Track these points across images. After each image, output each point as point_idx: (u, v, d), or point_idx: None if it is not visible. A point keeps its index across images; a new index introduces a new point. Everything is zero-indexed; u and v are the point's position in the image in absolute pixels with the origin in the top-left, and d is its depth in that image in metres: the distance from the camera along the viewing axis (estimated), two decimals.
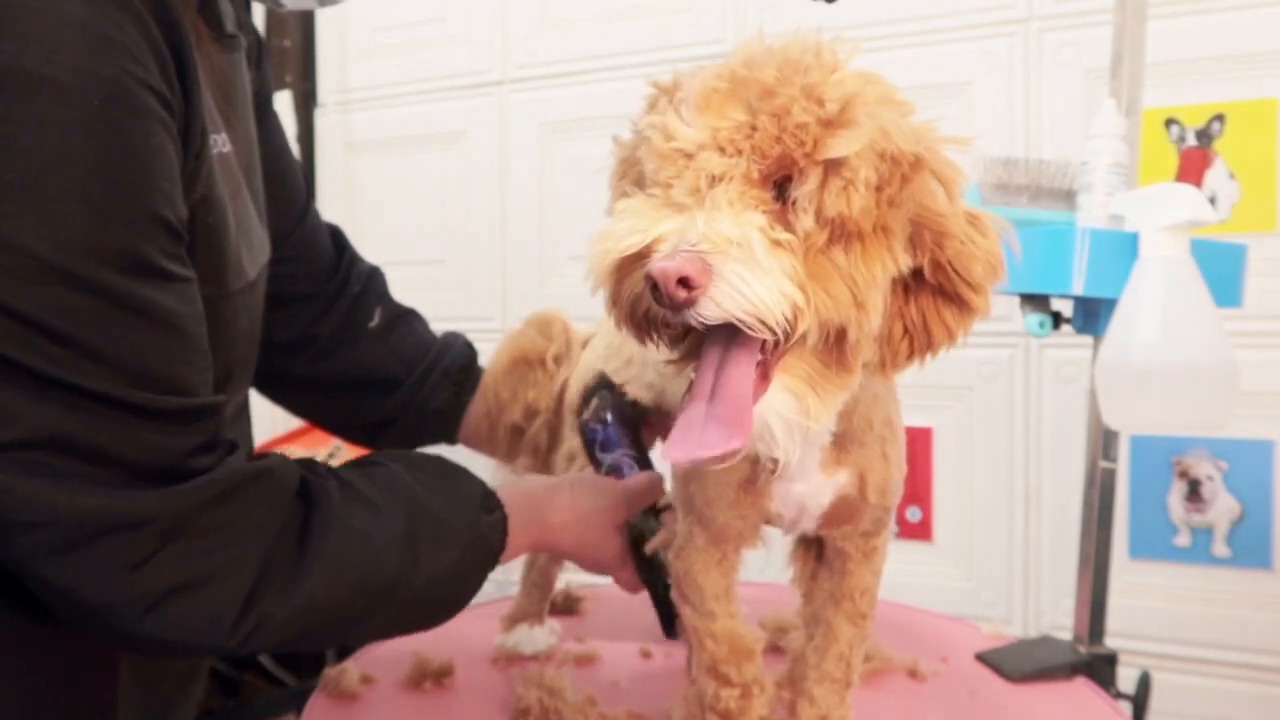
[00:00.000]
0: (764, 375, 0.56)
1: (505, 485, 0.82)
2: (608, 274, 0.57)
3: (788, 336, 0.54)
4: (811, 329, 0.54)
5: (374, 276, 1.05)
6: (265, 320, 0.85)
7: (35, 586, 0.63)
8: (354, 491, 0.72)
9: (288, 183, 0.97)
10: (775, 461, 0.65)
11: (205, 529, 0.63)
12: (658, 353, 0.63)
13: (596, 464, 0.92)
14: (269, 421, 1.89)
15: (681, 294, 0.52)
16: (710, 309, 0.52)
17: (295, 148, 2.12)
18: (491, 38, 2.00)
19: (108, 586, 0.61)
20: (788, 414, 0.56)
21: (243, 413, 0.88)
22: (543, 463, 1.03)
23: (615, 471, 0.91)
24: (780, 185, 0.55)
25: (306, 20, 2.17)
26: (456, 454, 1.09)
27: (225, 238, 0.72)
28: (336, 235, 1.04)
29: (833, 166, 0.53)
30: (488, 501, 0.79)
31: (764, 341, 0.55)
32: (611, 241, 0.55)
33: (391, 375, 1.01)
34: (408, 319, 1.05)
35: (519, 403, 1.01)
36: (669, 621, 0.87)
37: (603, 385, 0.94)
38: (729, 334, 0.56)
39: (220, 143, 0.73)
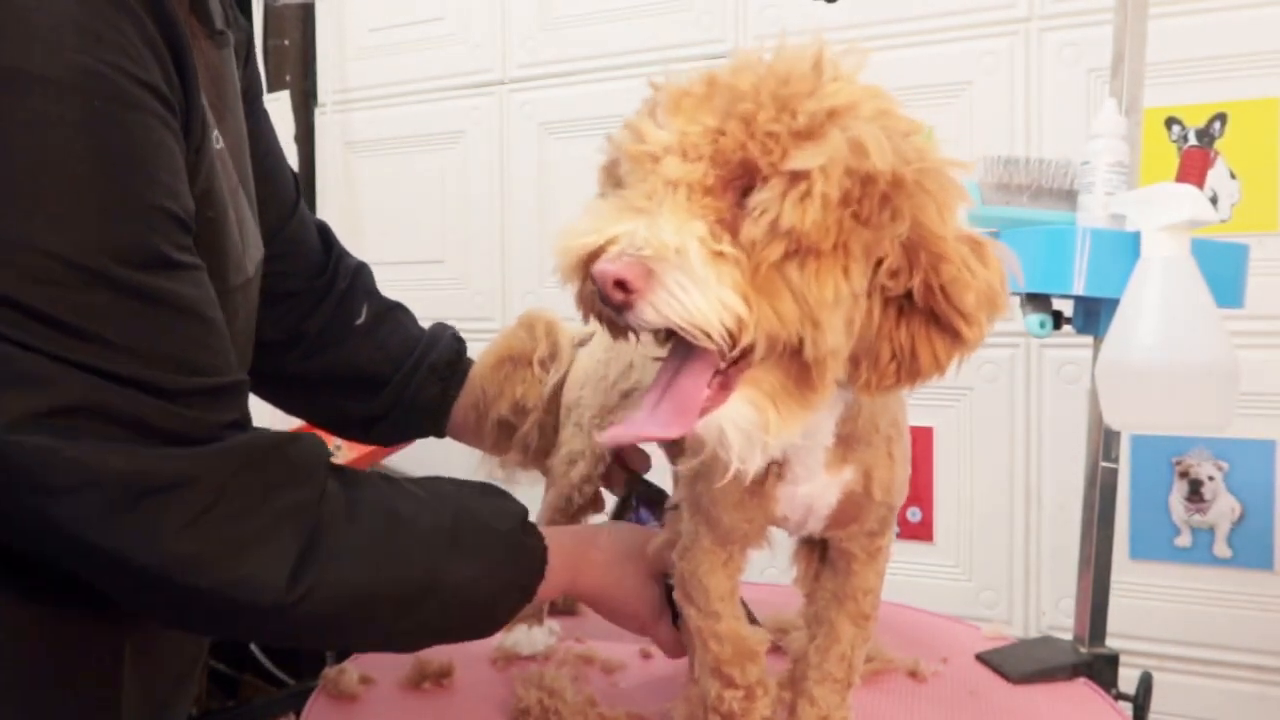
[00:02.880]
0: (725, 385, 0.56)
1: (543, 526, 0.82)
2: (570, 271, 0.57)
3: (732, 346, 0.53)
4: (758, 342, 0.53)
5: (360, 272, 1.05)
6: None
7: (80, 558, 0.63)
8: (398, 485, 0.74)
9: (276, 179, 0.97)
10: (780, 466, 0.64)
11: (248, 488, 0.64)
12: (646, 349, 0.63)
13: None
14: (268, 421, 1.89)
15: (619, 296, 0.52)
16: (648, 313, 0.52)
17: (295, 148, 2.12)
18: (491, 38, 1.99)
19: (157, 547, 0.61)
20: (744, 425, 0.56)
21: None
22: (533, 461, 1.03)
23: None
24: (744, 192, 0.54)
25: (306, 19, 2.17)
26: (451, 456, 1.10)
27: (226, 232, 0.73)
28: (324, 231, 1.05)
29: (795, 178, 0.52)
30: (528, 525, 0.79)
31: (722, 352, 0.55)
32: (570, 239, 0.55)
33: (379, 373, 1.01)
34: (394, 314, 1.05)
35: (506, 399, 1.01)
36: None
37: (633, 484, 0.96)
38: (688, 346, 0.55)
39: (215, 139, 0.73)
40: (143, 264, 0.61)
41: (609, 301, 0.53)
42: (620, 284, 0.52)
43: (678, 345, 0.58)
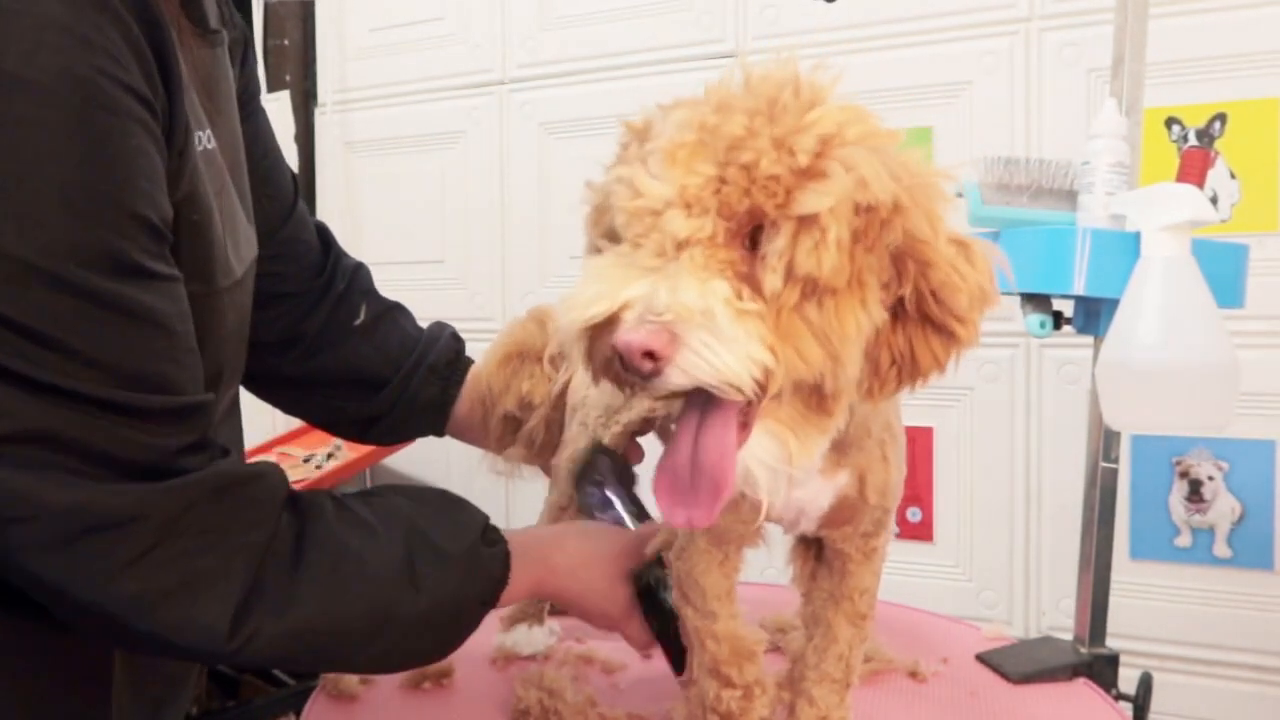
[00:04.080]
0: (744, 424, 0.56)
1: (508, 529, 0.81)
2: (577, 339, 0.56)
3: (760, 396, 0.53)
4: (785, 388, 0.54)
5: (358, 272, 1.05)
6: (252, 319, 0.85)
7: (27, 584, 0.63)
8: (350, 514, 0.72)
9: (274, 180, 0.97)
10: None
11: (196, 529, 0.63)
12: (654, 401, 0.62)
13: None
14: (268, 421, 1.90)
15: (647, 365, 0.51)
16: (678, 377, 0.52)
17: (294, 148, 2.13)
18: (491, 38, 2.00)
19: (99, 585, 0.60)
20: (768, 460, 0.56)
21: (233, 411, 0.87)
22: (538, 457, 1.03)
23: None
24: (754, 235, 0.54)
25: (305, 19, 2.17)
26: (451, 454, 1.10)
27: (211, 235, 0.72)
28: (323, 232, 1.04)
29: (805, 222, 0.52)
30: (489, 534, 0.78)
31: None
32: (579, 310, 0.54)
33: (378, 374, 1.01)
34: (393, 314, 1.05)
35: (512, 394, 1.00)
36: (681, 666, 0.84)
37: (598, 451, 0.95)
38: (706, 393, 0.55)
39: (204, 139, 0.72)
40: (112, 271, 0.59)
41: (636, 371, 0.52)
42: (649, 354, 0.51)
43: (690, 401, 0.57)
